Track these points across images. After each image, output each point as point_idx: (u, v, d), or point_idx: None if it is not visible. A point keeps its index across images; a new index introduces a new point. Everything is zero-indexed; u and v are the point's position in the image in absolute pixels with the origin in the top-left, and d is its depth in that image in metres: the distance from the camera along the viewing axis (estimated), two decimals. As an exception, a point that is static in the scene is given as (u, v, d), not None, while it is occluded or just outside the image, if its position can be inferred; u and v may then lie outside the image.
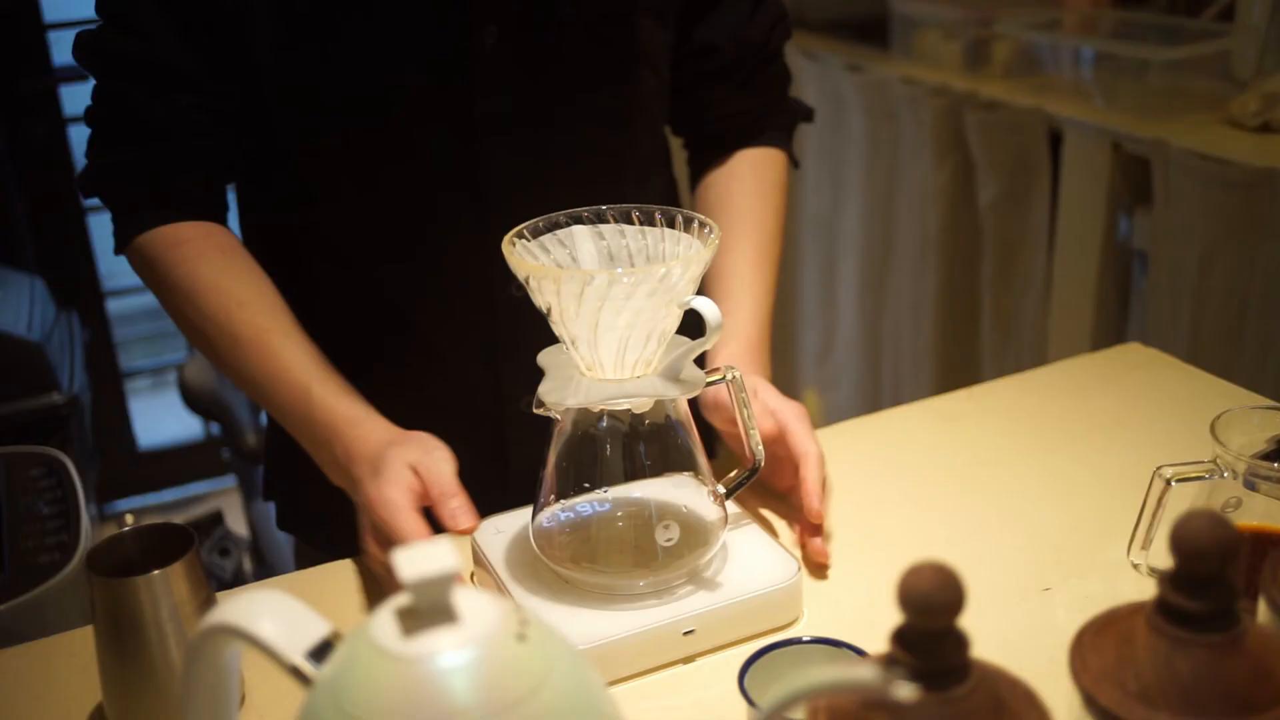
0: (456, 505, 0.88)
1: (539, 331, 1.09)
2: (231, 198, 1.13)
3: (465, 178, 1.06)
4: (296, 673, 0.55)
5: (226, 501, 2.85)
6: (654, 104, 1.17)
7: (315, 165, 1.07)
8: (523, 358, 1.10)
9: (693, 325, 0.87)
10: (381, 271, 1.10)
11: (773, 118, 1.25)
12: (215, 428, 2.92)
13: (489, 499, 0.97)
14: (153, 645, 0.81)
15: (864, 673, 0.50)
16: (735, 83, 1.21)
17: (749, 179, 1.21)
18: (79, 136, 3.07)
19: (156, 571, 0.81)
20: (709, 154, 1.24)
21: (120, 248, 1.09)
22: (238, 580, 2.27)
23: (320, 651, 0.55)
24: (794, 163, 1.27)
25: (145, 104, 1.03)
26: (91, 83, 1.06)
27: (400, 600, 0.53)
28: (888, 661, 0.54)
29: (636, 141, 1.16)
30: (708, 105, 1.22)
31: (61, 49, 2.90)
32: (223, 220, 1.10)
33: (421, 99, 1.04)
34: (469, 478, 0.96)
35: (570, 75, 1.08)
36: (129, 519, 2.35)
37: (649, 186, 1.19)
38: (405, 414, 0.98)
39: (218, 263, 1.05)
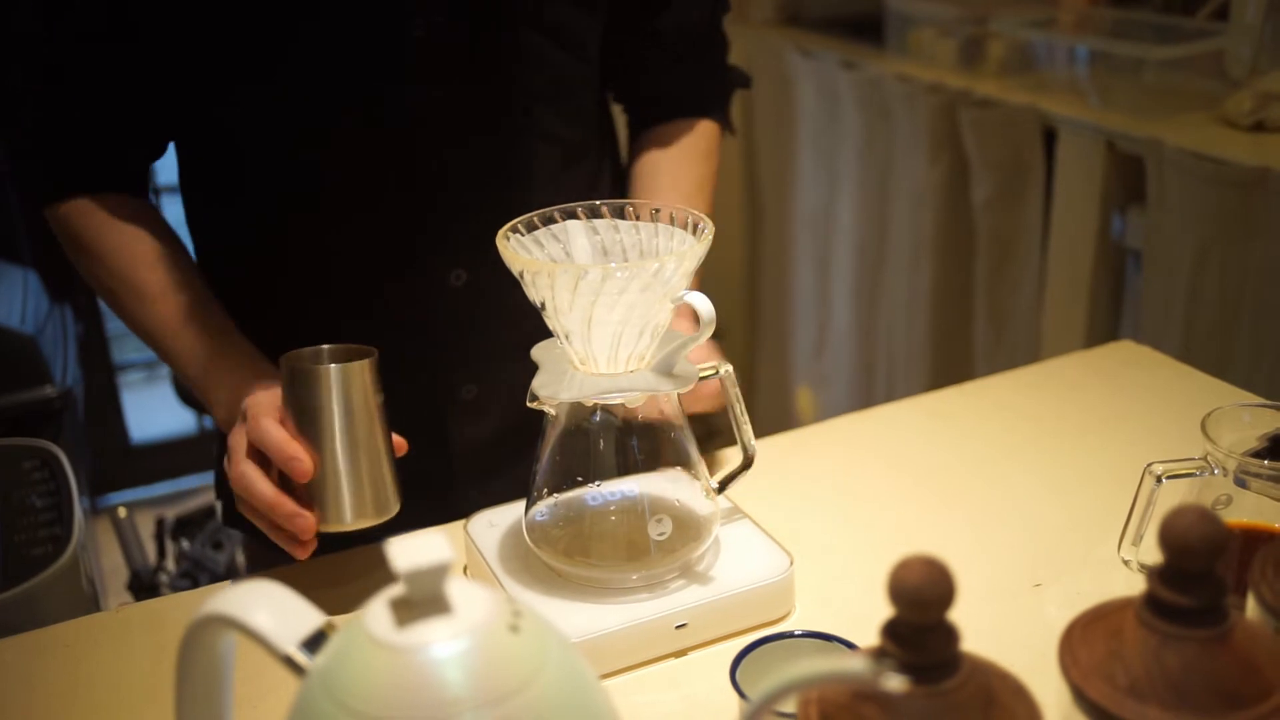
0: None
1: (480, 319, 1.09)
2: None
3: (403, 170, 1.07)
4: (290, 663, 0.55)
5: (220, 495, 2.85)
6: (582, 90, 1.16)
7: (252, 153, 1.08)
8: (464, 345, 1.11)
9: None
10: (323, 259, 1.11)
11: (709, 89, 1.26)
12: (209, 421, 2.92)
13: (433, 482, 0.98)
14: (322, 436, 0.90)
15: (854, 664, 0.51)
16: (672, 59, 1.22)
17: (675, 149, 1.22)
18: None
19: (335, 365, 0.91)
20: (647, 126, 1.26)
21: (44, 207, 1.10)
22: (231, 573, 2.27)
23: (313, 642, 0.56)
24: (729, 130, 1.29)
25: (67, 73, 1.04)
26: None
27: (394, 591, 0.53)
28: (878, 654, 0.54)
29: (569, 126, 1.15)
30: (645, 80, 1.24)
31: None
32: (144, 196, 1.12)
33: (357, 94, 1.05)
34: (414, 464, 0.99)
35: (498, 64, 1.08)
36: (122, 511, 2.36)
37: (588, 172, 1.19)
38: None
39: (129, 227, 1.07)
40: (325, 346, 0.95)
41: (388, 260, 1.09)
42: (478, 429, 1.13)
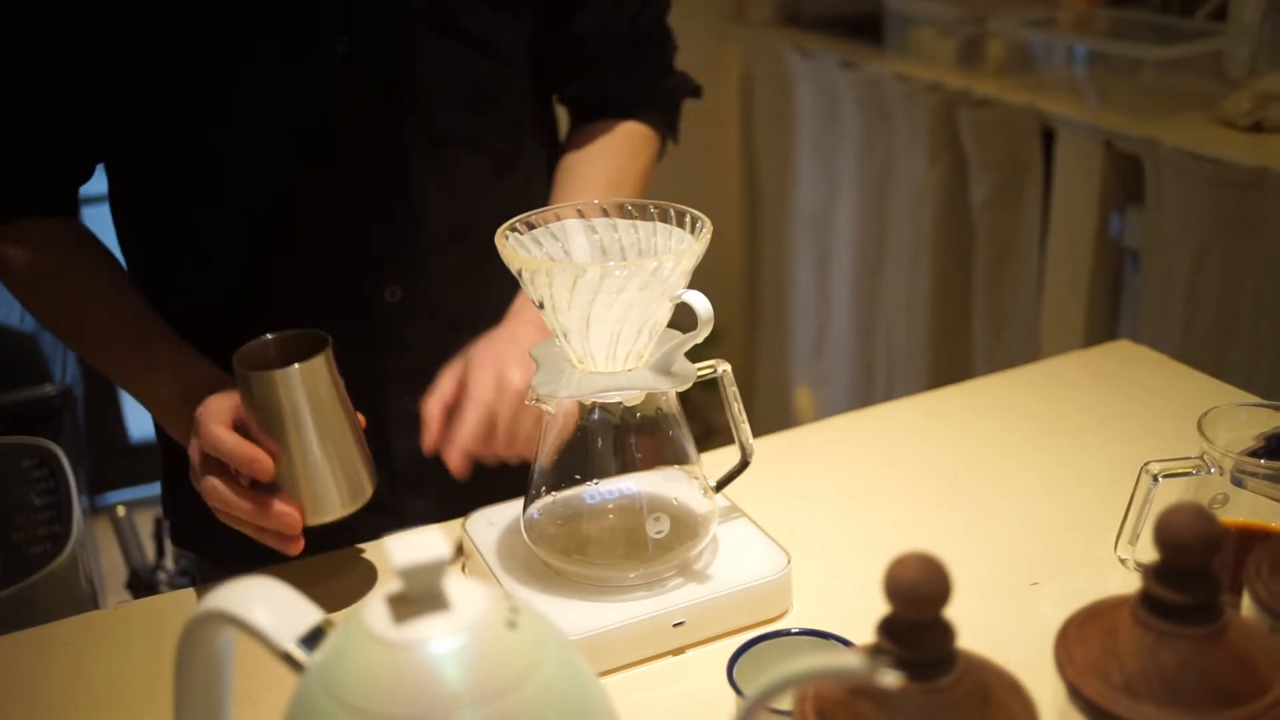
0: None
1: (419, 333, 1.11)
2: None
3: (331, 187, 1.07)
4: (288, 659, 0.55)
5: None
6: (508, 97, 1.16)
7: (185, 169, 1.08)
8: (402, 358, 1.11)
9: (686, 319, 0.87)
10: (255, 275, 1.11)
11: (640, 91, 1.24)
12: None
13: (376, 497, 0.98)
14: (290, 434, 0.90)
15: (851, 660, 0.51)
16: (602, 68, 1.21)
17: (593, 147, 1.21)
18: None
19: (295, 366, 0.89)
20: (577, 129, 1.25)
21: None
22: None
23: (312, 638, 0.56)
24: (672, 139, 1.27)
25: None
26: None
27: (392, 587, 0.54)
28: (874, 651, 0.54)
29: (497, 135, 1.15)
30: (573, 83, 1.23)
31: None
32: (74, 217, 1.13)
33: (287, 115, 1.05)
34: None
35: (419, 76, 1.08)
36: (121, 510, 2.36)
37: (521, 181, 1.19)
38: None
39: (65, 254, 1.09)
40: (270, 337, 0.94)
41: (321, 276, 1.10)
42: (416, 441, 1.11)
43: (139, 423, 3.23)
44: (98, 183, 1.14)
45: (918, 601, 0.53)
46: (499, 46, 1.12)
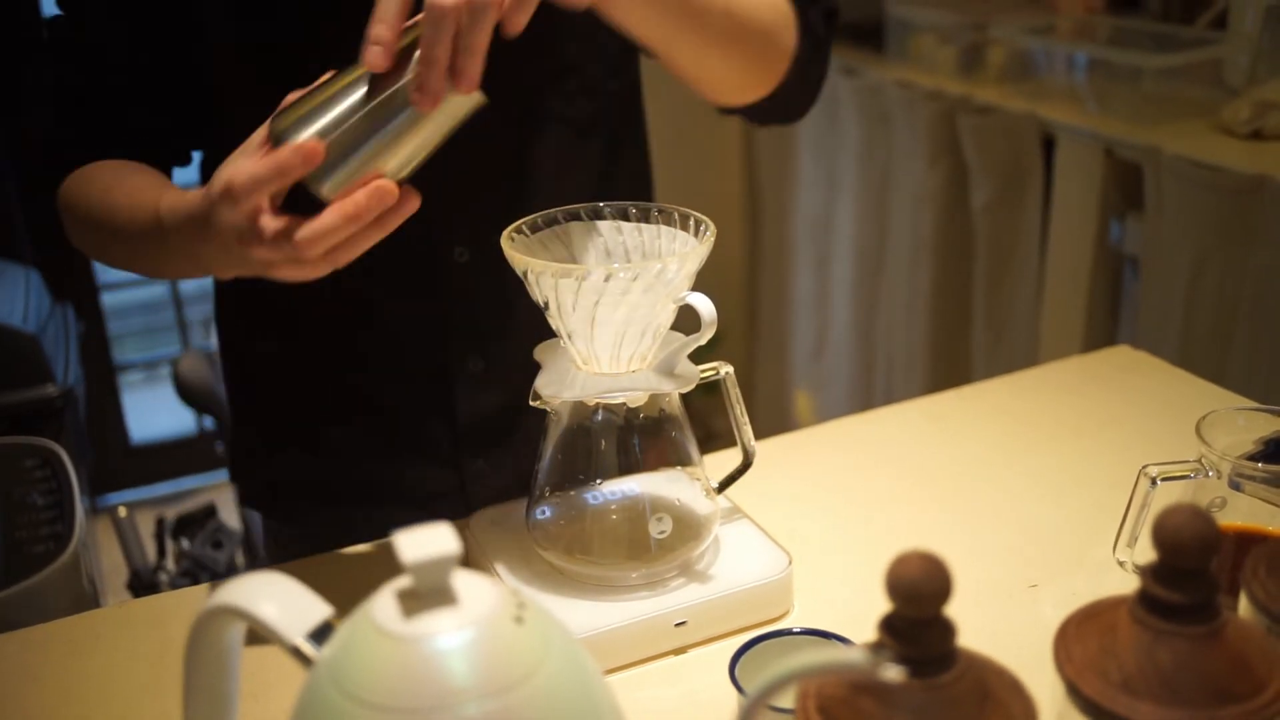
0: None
1: (484, 296, 1.10)
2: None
3: None
4: (297, 653, 0.56)
5: (219, 495, 2.86)
6: (589, 65, 1.13)
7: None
8: (469, 317, 1.12)
9: (689, 322, 0.88)
10: None
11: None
12: (209, 421, 2.93)
13: (441, 450, 0.98)
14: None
15: (853, 655, 0.51)
16: None
17: None
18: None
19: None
20: None
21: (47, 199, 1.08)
22: (231, 573, 2.27)
23: (320, 633, 0.57)
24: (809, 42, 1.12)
25: (88, 90, 1.05)
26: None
27: (401, 582, 0.54)
28: (876, 648, 0.55)
29: (572, 105, 1.14)
30: None
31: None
32: None
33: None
34: (422, 432, 0.99)
35: (504, 46, 1.08)
36: (122, 511, 2.36)
37: (599, 152, 1.17)
38: (352, 371, 1.00)
39: (103, 166, 1.05)
40: None
41: (395, 239, 1.09)
42: (482, 402, 1.13)
43: (140, 424, 3.24)
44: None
45: (919, 598, 0.53)
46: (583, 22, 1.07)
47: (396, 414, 1.14)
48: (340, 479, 1.18)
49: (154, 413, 3.32)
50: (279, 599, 0.57)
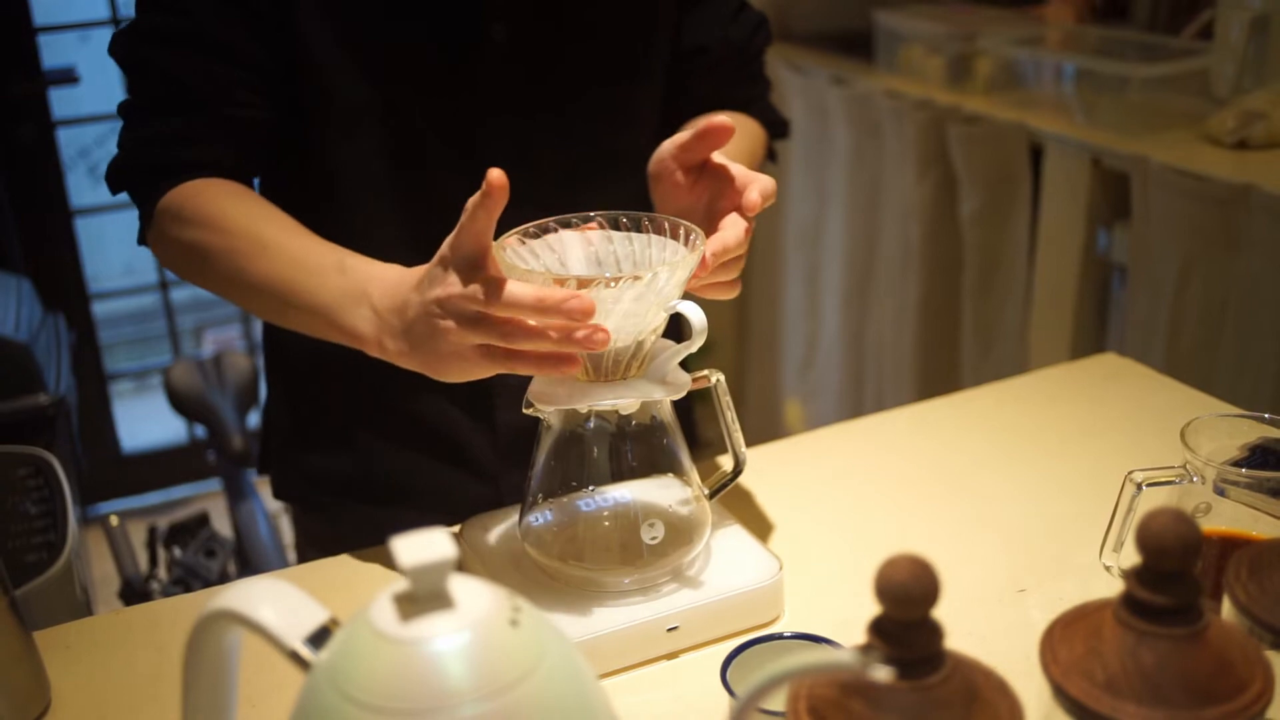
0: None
1: None
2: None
3: (463, 157, 1.10)
4: (295, 657, 0.57)
5: (212, 504, 2.86)
6: (653, 105, 1.20)
7: (329, 144, 1.10)
8: None
9: (680, 330, 0.89)
10: (376, 246, 1.11)
11: (754, 110, 1.27)
12: (200, 430, 2.93)
13: (480, 459, 0.99)
14: None
15: (842, 656, 0.52)
16: (718, 80, 1.24)
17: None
18: (67, 139, 3.08)
19: None
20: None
21: (145, 222, 1.09)
22: (223, 581, 2.27)
23: (319, 637, 0.57)
24: (770, 154, 1.28)
25: (184, 73, 1.05)
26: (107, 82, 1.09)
27: (398, 586, 0.55)
28: (865, 649, 0.56)
29: (635, 140, 1.17)
30: (691, 101, 1.24)
31: (51, 52, 2.91)
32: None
33: (430, 79, 1.08)
34: (461, 440, 1.03)
35: (581, 71, 1.12)
36: (114, 520, 2.36)
37: (635, 183, 1.21)
38: (393, 380, 1.00)
39: (236, 197, 1.06)
40: None
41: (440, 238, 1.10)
42: (522, 414, 1.13)
43: (130, 433, 3.24)
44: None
45: (908, 601, 0.54)
46: (659, 56, 1.17)
47: (438, 423, 1.16)
48: (377, 481, 1.20)
49: (145, 422, 3.32)
50: (277, 604, 0.58)
